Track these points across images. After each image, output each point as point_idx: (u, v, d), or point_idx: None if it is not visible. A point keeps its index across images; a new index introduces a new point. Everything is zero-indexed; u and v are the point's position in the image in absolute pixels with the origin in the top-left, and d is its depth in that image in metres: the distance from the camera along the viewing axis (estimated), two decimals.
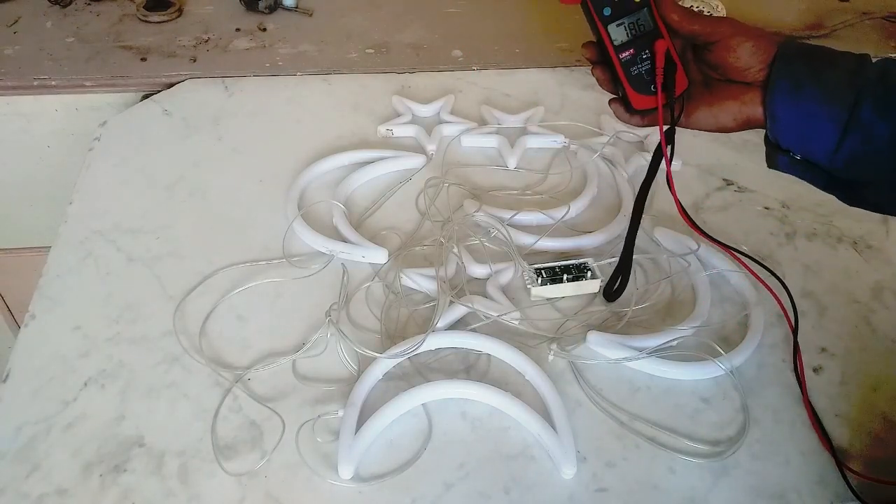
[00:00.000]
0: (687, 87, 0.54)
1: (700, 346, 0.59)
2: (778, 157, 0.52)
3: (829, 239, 0.70)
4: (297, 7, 1.00)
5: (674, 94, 0.53)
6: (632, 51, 0.53)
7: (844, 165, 0.49)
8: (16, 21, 0.95)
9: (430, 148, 0.78)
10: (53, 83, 0.86)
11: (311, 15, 0.99)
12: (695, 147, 0.79)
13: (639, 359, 0.57)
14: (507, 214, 0.69)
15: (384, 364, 0.57)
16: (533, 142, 0.79)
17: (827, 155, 0.49)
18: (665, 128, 0.53)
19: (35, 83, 0.86)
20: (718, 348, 0.58)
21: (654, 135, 0.79)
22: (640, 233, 0.69)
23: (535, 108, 0.83)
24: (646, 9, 0.53)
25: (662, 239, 0.68)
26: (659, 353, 0.58)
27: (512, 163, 0.77)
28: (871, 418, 0.56)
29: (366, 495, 0.50)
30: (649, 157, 0.74)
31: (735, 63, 0.51)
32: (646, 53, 0.53)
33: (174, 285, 0.64)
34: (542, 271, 0.63)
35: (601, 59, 0.55)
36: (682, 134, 0.53)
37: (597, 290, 0.64)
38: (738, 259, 0.62)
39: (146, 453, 0.52)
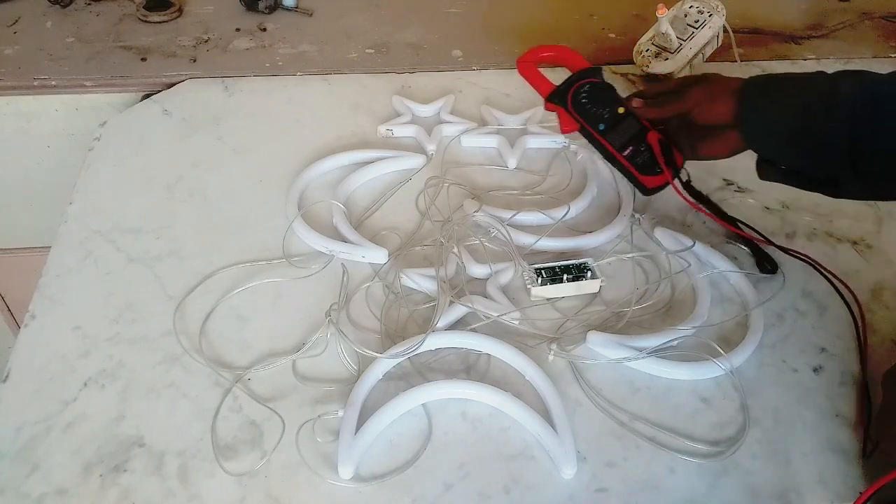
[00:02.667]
0: (683, 162, 0.66)
1: (700, 346, 0.59)
2: (767, 169, 0.62)
3: (829, 239, 0.70)
4: (297, 7, 1.00)
5: (677, 168, 0.66)
6: (631, 148, 0.66)
7: (817, 169, 0.57)
8: (16, 21, 0.95)
9: (430, 148, 0.78)
10: (53, 83, 0.86)
11: (311, 15, 0.99)
12: None
13: (639, 359, 0.57)
14: (507, 214, 0.69)
15: (384, 364, 0.57)
16: (533, 142, 0.79)
17: (803, 163, 0.58)
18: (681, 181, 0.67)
19: (35, 83, 0.86)
20: (718, 348, 0.58)
21: None
22: (639, 232, 0.69)
23: (536, 108, 0.83)
24: (630, 115, 0.66)
25: (662, 239, 0.68)
26: (659, 353, 0.58)
27: (512, 163, 0.77)
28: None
29: (366, 495, 0.50)
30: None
31: (711, 119, 0.62)
32: (643, 147, 0.66)
33: (174, 285, 0.64)
34: (542, 271, 0.63)
35: (608, 159, 0.68)
36: None
37: (597, 290, 0.64)
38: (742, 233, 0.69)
39: (146, 453, 0.52)
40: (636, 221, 0.70)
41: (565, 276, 0.63)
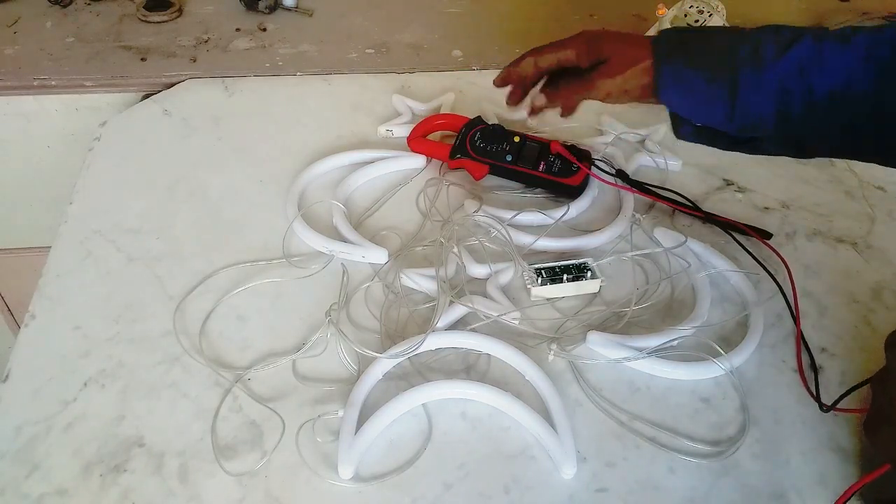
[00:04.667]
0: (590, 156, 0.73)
1: (700, 346, 0.59)
2: (682, 127, 0.61)
3: (829, 239, 0.70)
4: (297, 7, 1.00)
5: (590, 158, 0.73)
6: (542, 163, 0.72)
7: (738, 130, 0.57)
8: (16, 21, 0.95)
9: None
10: (53, 83, 0.86)
11: (311, 15, 0.99)
12: (695, 147, 0.79)
13: (639, 359, 0.57)
14: (507, 214, 0.69)
15: (384, 364, 0.57)
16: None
17: (723, 124, 0.57)
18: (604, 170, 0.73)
19: (35, 83, 0.86)
20: (718, 348, 0.58)
21: (652, 135, 0.79)
22: (639, 232, 0.69)
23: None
24: (525, 138, 0.73)
25: (663, 239, 0.68)
26: (659, 353, 0.58)
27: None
28: None
29: (366, 495, 0.50)
30: (651, 155, 0.76)
31: (626, 87, 0.59)
32: (551, 157, 0.72)
33: (174, 285, 0.64)
34: (542, 271, 0.63)
35: (529, 182, 0.74)
36: None
37: (597, 290, 0.64)
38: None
39: (146, 453, 0.52)
40: (636, 221, 0.70)
41: (565, 276, 0.63)
